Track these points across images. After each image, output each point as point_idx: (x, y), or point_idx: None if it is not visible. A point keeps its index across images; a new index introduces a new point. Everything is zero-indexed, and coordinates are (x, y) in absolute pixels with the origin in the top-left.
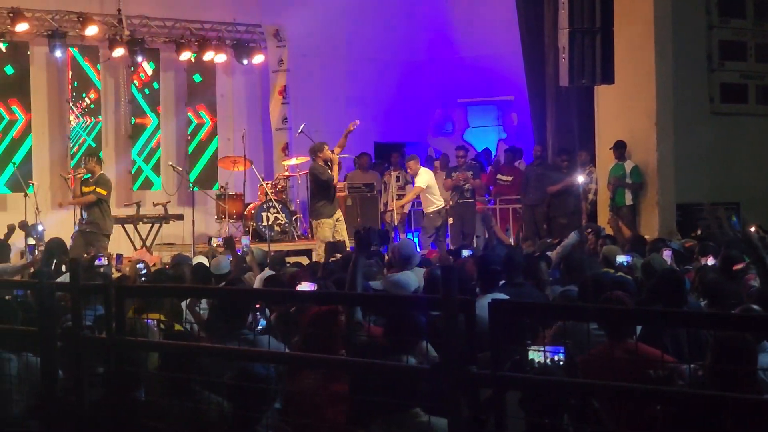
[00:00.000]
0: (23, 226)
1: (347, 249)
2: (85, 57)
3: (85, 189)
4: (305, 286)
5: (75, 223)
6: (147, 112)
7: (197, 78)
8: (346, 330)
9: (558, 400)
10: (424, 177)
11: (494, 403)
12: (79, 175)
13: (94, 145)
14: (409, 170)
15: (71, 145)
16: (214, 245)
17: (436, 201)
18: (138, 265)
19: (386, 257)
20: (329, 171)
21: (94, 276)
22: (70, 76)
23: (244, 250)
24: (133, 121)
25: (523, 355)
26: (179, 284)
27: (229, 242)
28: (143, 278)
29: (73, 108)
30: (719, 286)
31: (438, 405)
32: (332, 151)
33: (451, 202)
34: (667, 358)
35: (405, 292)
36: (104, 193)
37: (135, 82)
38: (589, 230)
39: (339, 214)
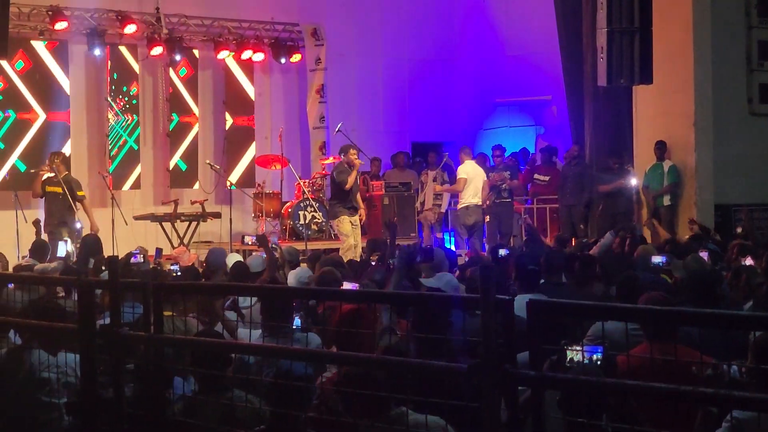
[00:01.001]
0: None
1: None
2: (124, 55)
3: (49, 188)
4: (347, 287)
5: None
6: (185, 111)
7: (233, 76)
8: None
9: (597, 401)
10: (465, 168)
11: (533, 403)
12: (42, 173)
13: (133, 143)
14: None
15: (110, 143)
16: (249, 242)
17: (465, 197)
18: (172, 267)
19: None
20: (347, 174)
21: (130, 273)
22: (108, 75)
23: (273, 247)
24: (174, 121)
25: (562, 355)
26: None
27: (261, 240)
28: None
29: (112, 106)
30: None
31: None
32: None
33: (488, 202)
34: (706, 359)
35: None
36: (84, 195)
37: (173, 80)
38: (625, 231)
39: (356, 219)
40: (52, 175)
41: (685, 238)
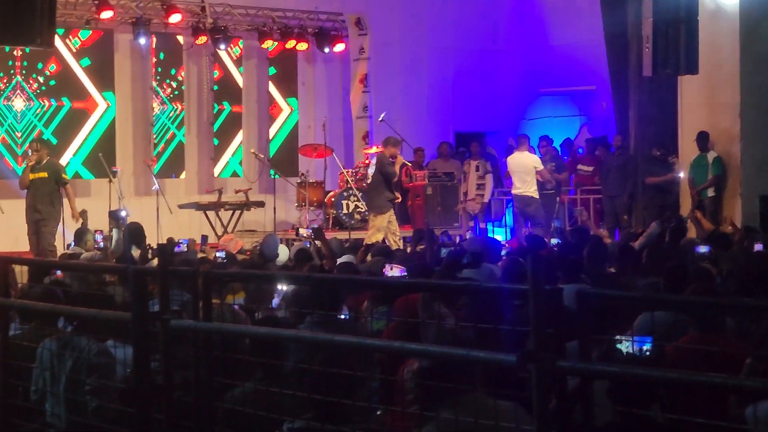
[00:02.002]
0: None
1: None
2: (169, 45)
3: (33, 176)
4: (395, 271)
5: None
6: (229, 100)
7: (279, 66)
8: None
9: (647, 391)
10: (509, 159)
11: (581, 393)
12: (30, 162)
13: (178, 132)
14: None
15: (155, 132)
16: (304, 235)
17: (516, 185)
18: (218, 254)
19: None
20: (392, 166)
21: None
22: (153, 64)
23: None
24: (215, 109)
25: (610, 345)
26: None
27: (318, 233)
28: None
29: (159, 93)
30: None
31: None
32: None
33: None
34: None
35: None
36: (68, 179)
37: (217, 70)
38: (670, 222)
39: (392, 214)
40: (35, 161)
41: (728, 230)
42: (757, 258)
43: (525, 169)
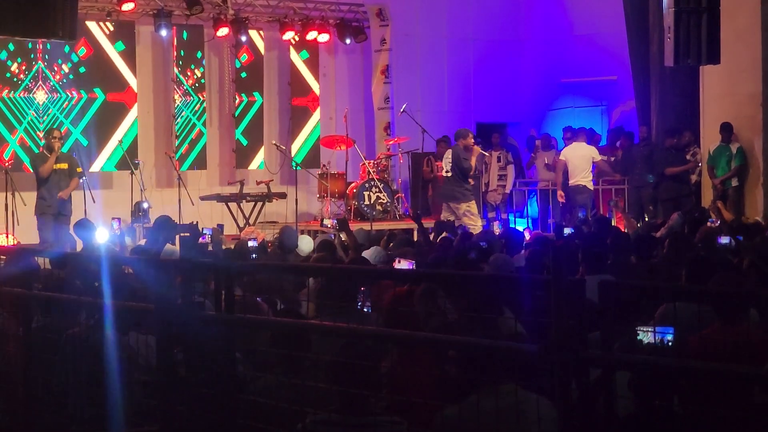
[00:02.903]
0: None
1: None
2: (190, 36)
3: (56, 166)
4: (403, 264)
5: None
6: (251, 91)
7: (301, 57)
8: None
9: (668, 383)
10: (569, 150)
11: (604, 385)
12: (57, 152)
13: (200, 124)
14: None
15: (176, 124)
16: (328, 225)
17: (574, 174)
18: (250, 242)
19: None
20: (468, 159)
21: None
22: (175, 56)
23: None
24: (239, 101)
25: (633, 336)
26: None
27: (343, 224)
28: (254, 255)
29: (178, 87)
30: None
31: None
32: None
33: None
34: None
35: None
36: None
37: (239, 61)
38: (692, 212)
39: (473, 204)
40: (59, 150)
41: (752, 219)
42: None
43: (583, 159)
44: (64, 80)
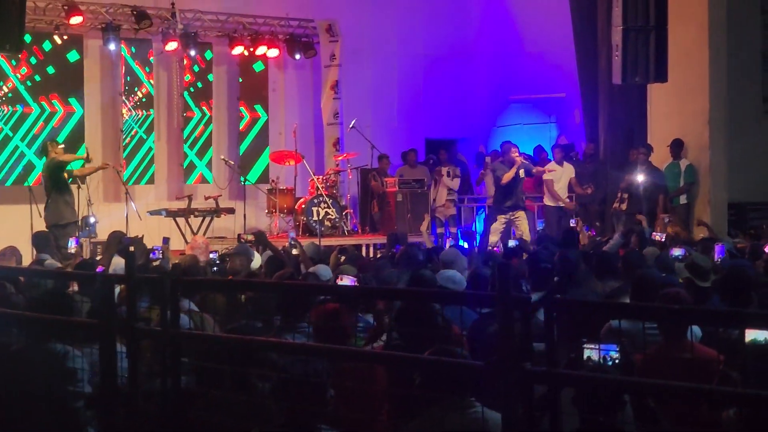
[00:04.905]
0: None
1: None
2: (139, 50)
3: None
4: (346, 281)
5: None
6: (199, 106)
7: (249, 72)
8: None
9: (612, 399)
10: (560, 170)
11: (549, 401)
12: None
13: (147, 138)
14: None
15: (124, 138)
16: (244, 240)
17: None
18: (211, 255)
19: None
20: (503, 171)
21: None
22: (123, 70)
23: (291, 243)
24: (188, 115)
25: (579, 353)
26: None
27: (260, 237)
28: (215, 268)
29: (126, 101)
30: None
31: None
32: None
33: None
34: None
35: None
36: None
37: (188, 75)
38: (634, 232)
39: (514, 214)
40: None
41: (699, 236)
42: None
43: (567, 178)
44: (10, 94)
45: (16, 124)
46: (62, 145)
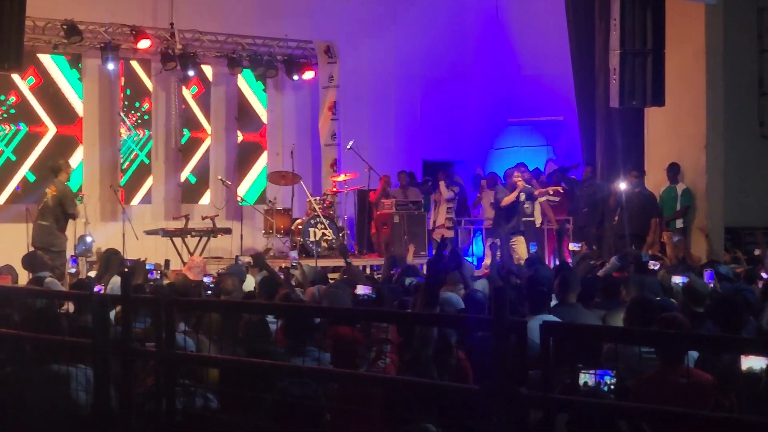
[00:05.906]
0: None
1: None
2: (137, 70)
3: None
4: (361, 289)
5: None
6: (197, 126)
7: (245, 92)
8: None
9: (606, 424)
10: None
11: (544, 426)
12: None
13: (145, 158)
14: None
15: (122, 157)
16: (242, 262)
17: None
18: (205, 279)
19: None
20: (504, 194)
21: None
22: (122, 89)
23: (293, 264)
24: (186, 136)
25: (575, 378)
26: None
27: (258, 260)
28: (209, 292)
29: (125, 120)
30: None
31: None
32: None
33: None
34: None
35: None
36: None
37: (186, 95)
38: (630, 256)
39: (517, 238)
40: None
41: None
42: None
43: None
44: (5, 115)
45: (13, 142)
46: (73, 167)
